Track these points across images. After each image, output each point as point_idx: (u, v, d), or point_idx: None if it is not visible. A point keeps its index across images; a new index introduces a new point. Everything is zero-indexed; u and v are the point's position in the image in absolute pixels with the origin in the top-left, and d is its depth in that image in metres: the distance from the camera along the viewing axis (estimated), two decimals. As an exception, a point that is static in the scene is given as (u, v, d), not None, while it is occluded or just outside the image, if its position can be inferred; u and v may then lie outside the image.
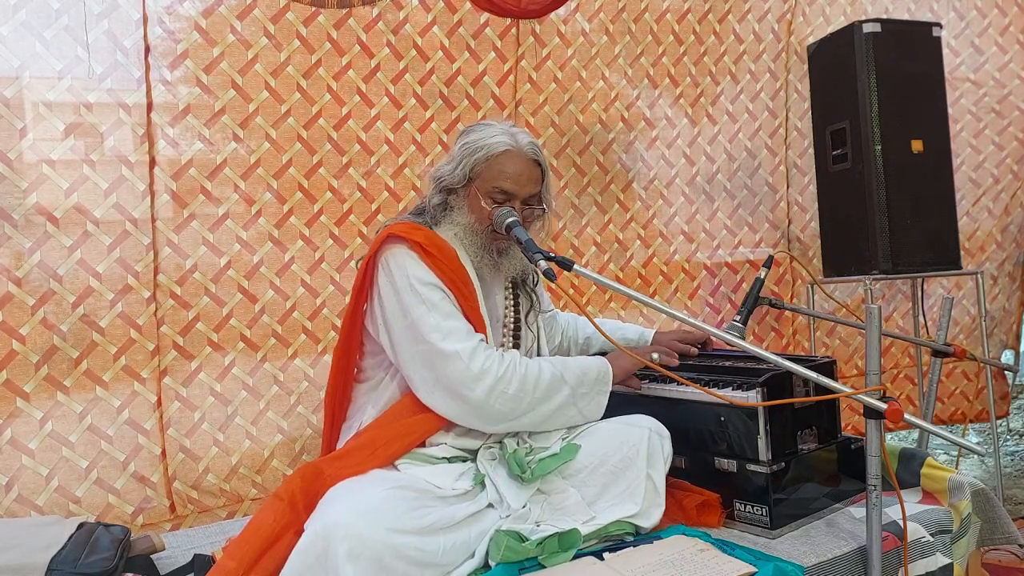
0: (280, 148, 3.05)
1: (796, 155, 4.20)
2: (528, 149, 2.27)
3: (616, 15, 3.73)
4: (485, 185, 2.24)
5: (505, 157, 2.24)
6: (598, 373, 2.26)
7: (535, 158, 2.28)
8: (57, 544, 2.02)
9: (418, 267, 2.14)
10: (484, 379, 2.06)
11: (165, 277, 2.86)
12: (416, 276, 2.13)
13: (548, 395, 2.15)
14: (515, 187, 2.23)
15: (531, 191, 2.28)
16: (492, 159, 2.23)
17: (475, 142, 2.25)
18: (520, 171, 2.24)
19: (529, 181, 2.27)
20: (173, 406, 2.87)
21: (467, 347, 2.07)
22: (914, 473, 2.37)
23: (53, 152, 2.69)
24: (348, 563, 1.68)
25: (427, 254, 2.14)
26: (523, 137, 2.28)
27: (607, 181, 3.76)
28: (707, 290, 4.02)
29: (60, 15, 2.69)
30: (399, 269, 2.14)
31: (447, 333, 2.09)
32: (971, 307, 4.40)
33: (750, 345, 1.94)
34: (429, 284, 2.13)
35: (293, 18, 3.06)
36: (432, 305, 2.11)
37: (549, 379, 2.15)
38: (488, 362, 2.07)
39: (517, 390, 2.09)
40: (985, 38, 4.44)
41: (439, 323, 2.09)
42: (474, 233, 2.26)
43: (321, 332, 3.13)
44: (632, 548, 2.02)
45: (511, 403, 2.09)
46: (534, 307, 2.48)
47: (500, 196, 2.23)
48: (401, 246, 2.17)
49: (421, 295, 2.11)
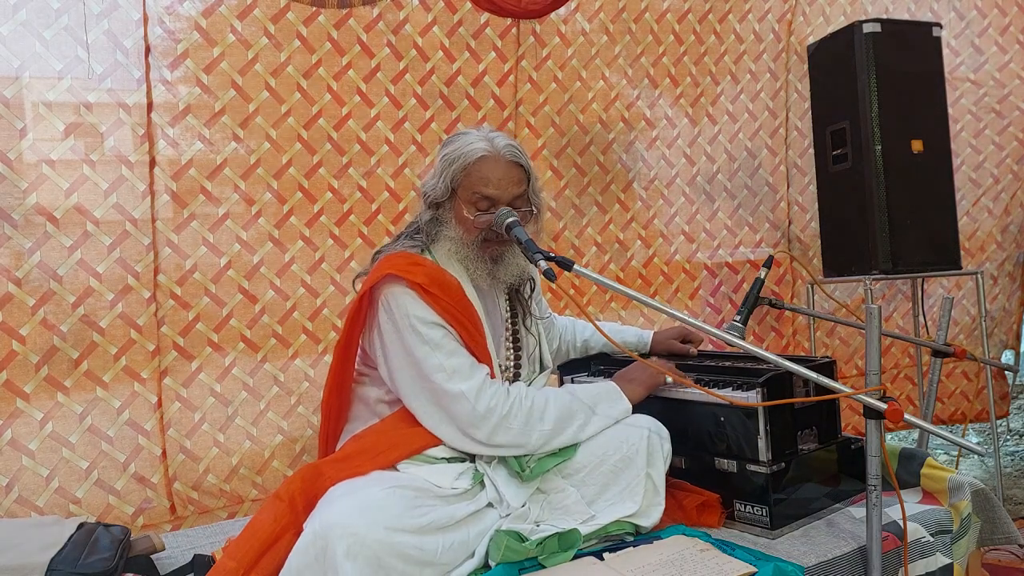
0: (280, 148, 3.05)
1: (796, 155, 4.20)
2: (506, 152, 2.20)
3: (616, 15, 3.73)
4: (467, 194, 2.19)
5: (483, 163, 2.18)
6: (609, 399, 2.24)
7: (515, 160, 2.22)
8: (57, 544, 2.02)
9: (418, 306, 2.11)
10: (490, 418, 2.05)
11: (165, 277, 2.86)
12: (417, 316, 2.10)
13: (558, 427, 2.13)
14: (497, 192, 2.18)
15: (514, 193, 2.21)
16: (471, 167, 2.18)
17: (452, 152, 2.21)
18: (500, 175, 2.19)
19: (511, 183, 2.21)
20: (173, 407, 2.87)
21: (472, 386, 2.07)
22: (914, 473, 2.37)
23: (53, 152, 2.69)
24: (347, 561, 1.69)
25: (428, 293, 2.11)
26: (500, 140, 2.22)
27: (608, 181, 3.76)
28: (708, 290, 4.02)
29: (60, 15, 2.69)
30: (400, 309, 2.11)
31: (452, 372, 2.08)
32: (971, 307, 4.40)
33: (750, 345, 1.94)
34: (430, 323, 2.10)
35: (293, 18, 3.06)
36: (435, 345, 2.09)
37: (557, 411, 2.13)
38: (494, 400, 2.07)
39: (522, 425, 2.08)
40: (985, 38, 4.44)
41: (442, 363, 2.08)
42: (464, 245, 2.22)
43: (321, 332, 3.12)
44: (632, 548, 2.02)
45: (518, 437, 2.08)
46: (528, 312, 2.45)
47: (483, 203, 2.19)
48: (400, 285, 2.13)
49: (423, 335, 2.09)
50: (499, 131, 2.30)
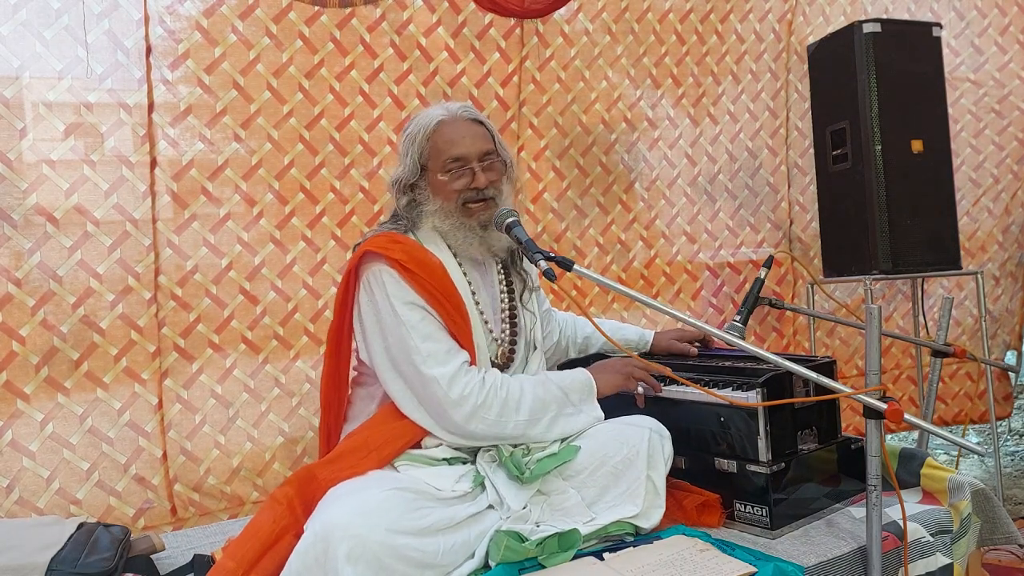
0: (282, 149, 3.05)
1: (797, 155, 4.20)
2: (462, 112, 2.26)
3: (619, 15, 3.72)
4: (437, 163, 2.22)
5: (443, 127, 2.23)
6: (582, 389, 2.24)
7: (474, 118, 2.27)
8: (57, 544, 2.02)
9: (397, 286, 2.11)
10: (463, 406, 2.05)
11: (166, 278, 2.85)
12: (395, 295, 2.11)
13: (534, 417, 2.13)
14: (464, 150, 2.21)
15: (482, 148, 2.24)
16: (433, 135, 2.23)
17: (412, 130, 2.27)
18: (463, 133, 2.23)
19: (476, 138, 2.24)
20: (174, 408, 2.87)
21: (446, 372, 2.06)
22: (914, 473, 2.37)
23: (53, 152, 2.69)
24: (347, 564, 1.69)
25: (406, 271, 2.11)
26: (454, 105, 2.28)
27: (610, 182, 3.76)
28: (710, 291, 4.01)
29: (60, 15, 2.69)
30: (379, 288, 2.12)
31: (426, 356, 2.07)
32: (974, 308, 4.39)
33: (750, 345, 1.94)
34: (409, 303, 2.11)
35: (295, 18, 3.05)
36: (411, 326, 2.09)
37: (532, 401, 2.13)
38: (468, 388, 2.06)
39: (498, 415, 2.08)
40: (985, 38, 4.43)
41: (417, 346, 2.08)
42: (447, 214, 2.23)
43: (323, 334, 3.09)
44: (632, 548, 2.02)
45: (493, 427, 2.09)
46: (527, 286, 2.45)
47: (454, 164, 2.21)
48: (379, 263, 2.13)
49: (400, 316, 2.09)
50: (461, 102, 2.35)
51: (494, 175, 2.26)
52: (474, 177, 2.22)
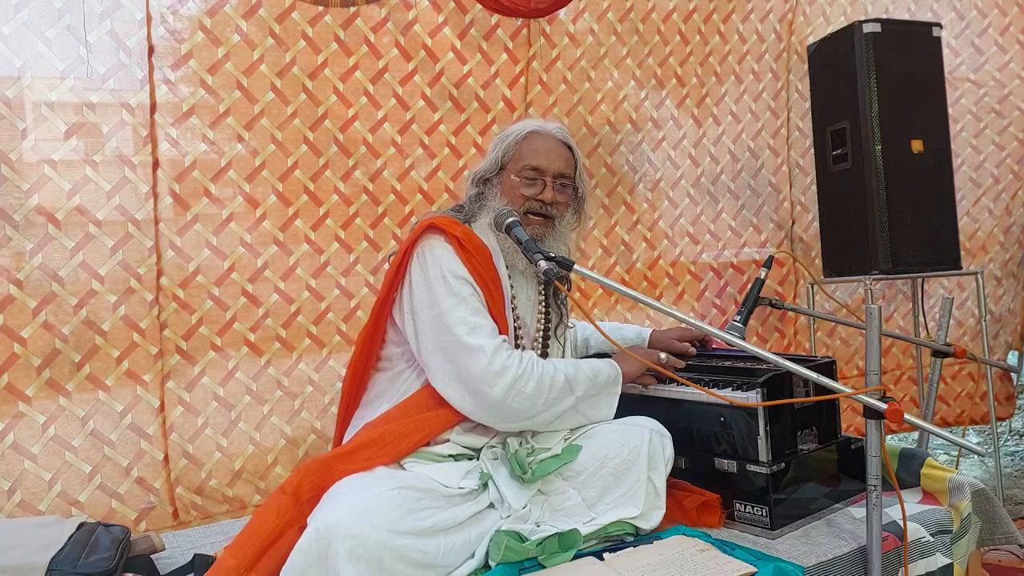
0: (285, 150, 3.05)
1: (798, 155, 4.20)
2: (556, 131, 2.37)
3: (624, 15, 3.73)
4: (516, 165, 2.32)
5: (533, 136, 2.35)
6: (608, 376, 2.28)
7: (564, 140, 2.37)
8: (57, 544, 2.02)
9: (452, 260, 2.18)
10: (504, 376, 2.07)
11: (168, 280, 2.85)
12: (449, 268, 2.16)
13: (561, 396, 2.16)
14: (544, 162, 2.30)
15: (561, 169, 2.33)
16: (521, 141, 2.34)
17: (505, 132, 2.38)
18: (549, 147, 2.33)
19: (558, 158, 2.33)
20: (176, 410, 2.86)
21: (491, 344, 2.10)
22: (914, 473, 2.38)
23: (55, 153, 2.69)
24: (348, 563, 1.69)
25: (463, 249, 2.19)
26: (552, 124, 2.41)
27: (614, 183, 3.76)
28: (713, 291, 4.02)
29: (62, 15, 2.69)
30: (433, 259, 2.18)
31: (473, 328, 2.11)
32: (976, 308, 4.39)
33: (750, 345, 1.95)
34: (461, 278, 2.16)
35: (299, 18, 3.05)
36: (461, 299, 2.14)
37: (563, 380, 2.16)
38: (509, 360, 2.09)
39: (535, 389, 2.10)
40: (985, 38, 4.43)
41: (466, 317, 2.12)
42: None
43: (326, 336, 3.12)
44: (632, 548, 2.02)
45: (528, 402, 2.10)
46: (563, 320, 2.50)
47: (530, 173, 2.30)
48: (439, 238, 2.22)
49: (452, 287, 2.14)
50: None
51: (563, 198, 2.36)
52: (543, 190, 2.30)
